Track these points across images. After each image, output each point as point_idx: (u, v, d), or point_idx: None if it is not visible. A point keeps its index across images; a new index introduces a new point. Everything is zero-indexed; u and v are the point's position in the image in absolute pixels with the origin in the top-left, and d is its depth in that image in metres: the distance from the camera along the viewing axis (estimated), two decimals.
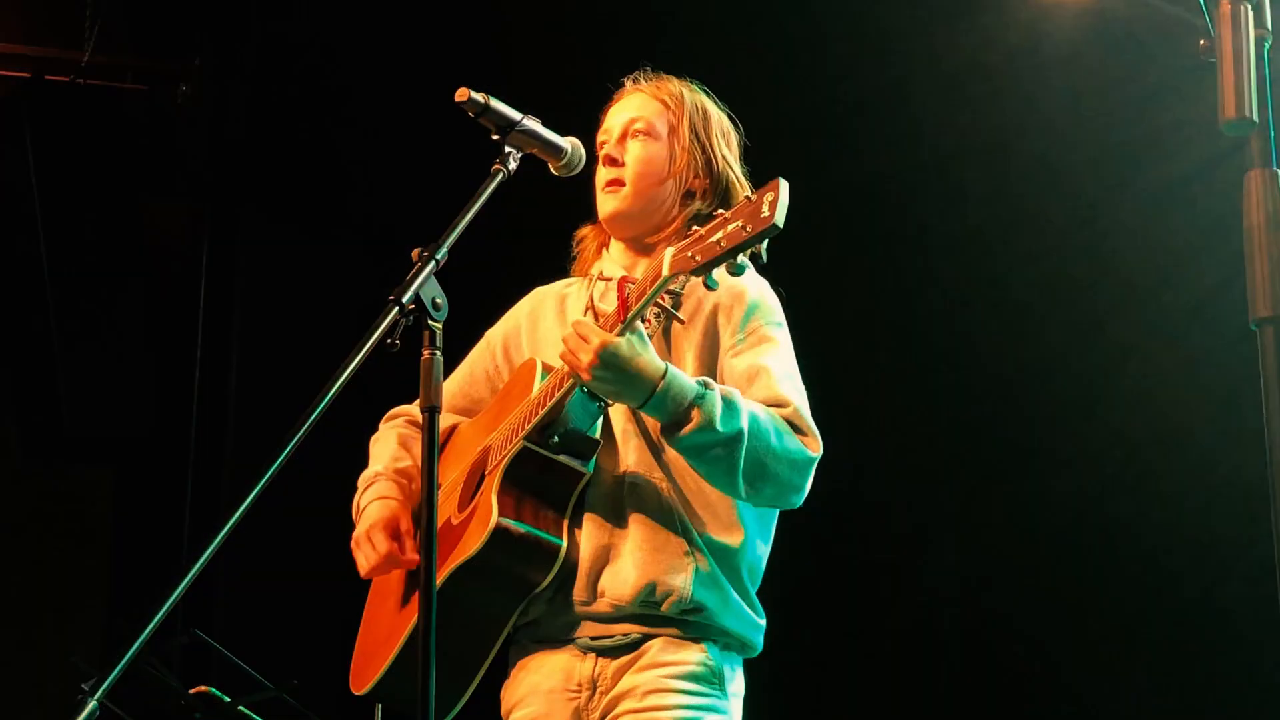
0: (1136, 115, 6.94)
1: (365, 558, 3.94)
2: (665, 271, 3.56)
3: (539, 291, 4.35)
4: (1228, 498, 6.70)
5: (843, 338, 7.18)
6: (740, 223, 3.41)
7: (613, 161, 4.10)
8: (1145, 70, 6.87)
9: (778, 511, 4.02)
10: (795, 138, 7.14)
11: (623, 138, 4.12)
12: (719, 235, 3.44)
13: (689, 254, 3.49)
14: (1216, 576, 6.84)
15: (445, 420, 4.25)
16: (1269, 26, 3.07)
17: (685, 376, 3.66)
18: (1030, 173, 7.35)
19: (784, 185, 3.40)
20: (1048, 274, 7.46)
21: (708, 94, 4.25)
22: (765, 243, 3.40)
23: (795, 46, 7.55)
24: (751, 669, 4.02)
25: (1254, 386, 2.94)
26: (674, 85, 4.21)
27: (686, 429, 3.60)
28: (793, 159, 4.21)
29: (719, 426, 3.58)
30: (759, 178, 4.14)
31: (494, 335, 4.36)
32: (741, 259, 3.42)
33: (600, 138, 4.20)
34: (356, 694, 4.12)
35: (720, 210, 3.54)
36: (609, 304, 3.94)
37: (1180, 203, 6.92)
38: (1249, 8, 3.04)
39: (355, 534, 4.01)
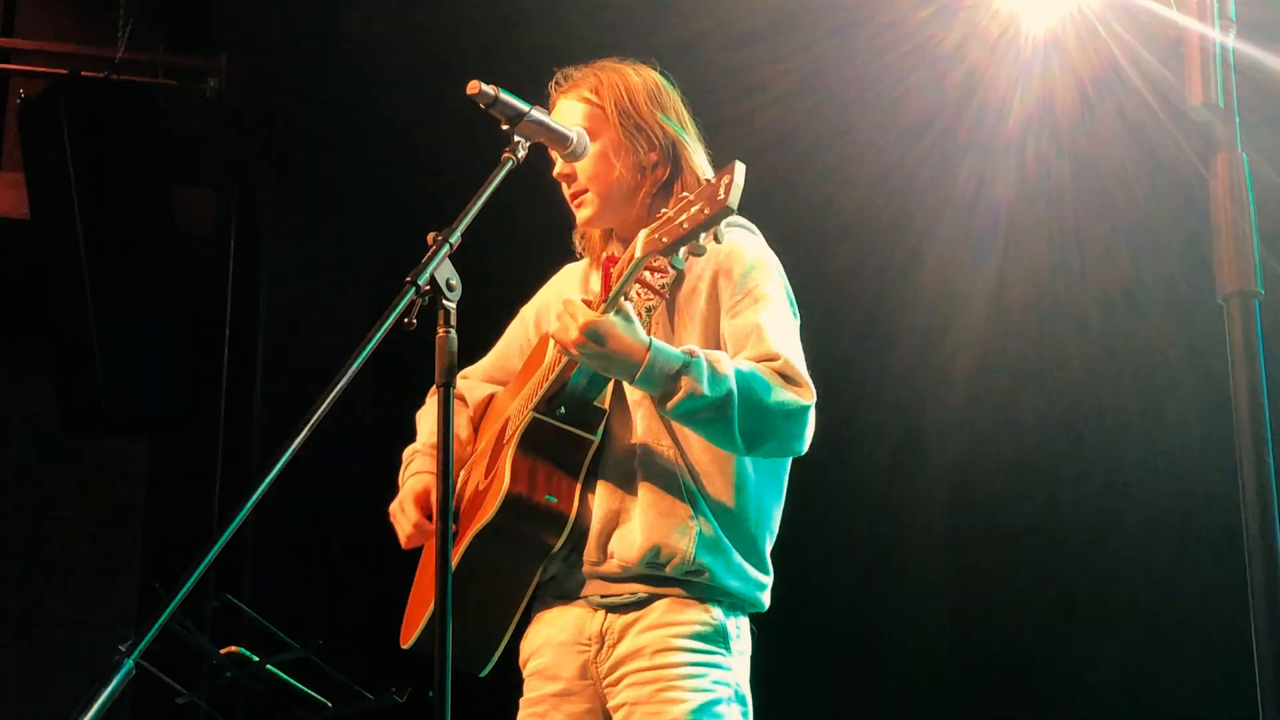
0: (1107, 101, 6.93)
1: (401, 529, 4.01)
2: (638, 254, 3.60)
3: (570, 268, 4.35)
4: (1199, 465, 6.69)
5: (830, 327, 7.17)
6: (701, 205, 3.47)
7: (567, 179, 4.07)
8: (1115, 58, 6.85)
9: (785, 471, 4.01)
10: (782, 128, 7.13)
11: None
12: (683, 217, 3.50)
13: (658, 236, 3.55)
14: (1185, 541, 6.82)
15: (483, 390, 4.31)
16: (1233, 18, 3.07)
17: (670, 349, 3.66)
18: (1007, 162, 7.33)
19: (739, 169, 3.46)
20: (1023, 253, 7.45)
21: (623, 62, 4.15)
22: (724, 222, 3.46)
23: (779, 34, 7.52)
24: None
25: (1221, 358, 2.94)
26: (590, 77, 4.11)
27: (676, 398, 3.60)
28: (778, 149, 4.20)
29: (706, 392, 3.58)
30: (752, 167, 4.13)
31: (527, 310, 4.42)
32: (703, 239, 3.47)
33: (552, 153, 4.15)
34: (403, 648, 4.14)
35: (685, 193, 3.58)
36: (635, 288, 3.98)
37: (1151, 184, 6.90)
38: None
39: (391, 507, 4.05)
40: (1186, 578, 6.74)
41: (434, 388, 4.26)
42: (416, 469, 4.16)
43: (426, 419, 4.30)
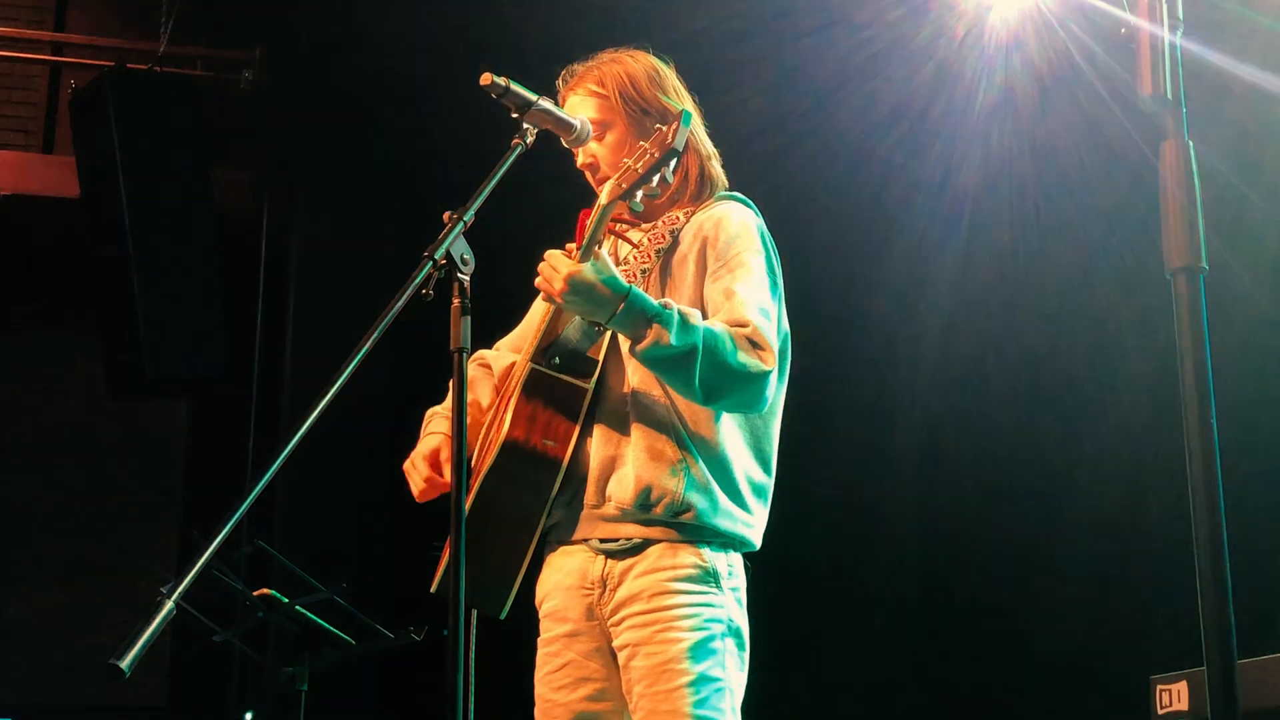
0: (1064, 93, 6.92)
1: (414, 483, 3.97)
2: (603, 201, 3.69)
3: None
4: (1148, 426, 6.68)
5: (808, 302, 7.16)
6: (653, 150, 3.63)
7: (590, 169, 4.05)
8: (1072, 54, 6.84)
9: (772, 421, 3.95)
10: (766, 119, 7.12)
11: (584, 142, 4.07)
12: (639, 164, 3.64)
13: (619, 182, 3.66)
14: (1136, 495, 6.81)
15: (507, 359, 4.24)
16: (1180, 17, 3.06)
17: (649, 299, 3.64)
18: (972, 150, 7.33)
19: (685, 117, 3.64)
20: (987, 233, 7.45)
21: (619, 50, 4.12)
22: (673, 163, 3.61)
23: (763, 33, 7.50)
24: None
25: (1168, 327, 2.94)
26: (593, 71, 4.07)
27: (645, 343, 3.58)
28: (762, 139, 4.19)
29: (674, 342, 3.56)
30: (730, 162, 4.12)
31: None
32: (660, 177, 3.61)
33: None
34: (431, 593, 4.06)
35: (642, 142, 3.70)
36: (631, 251, 3.98)
37: (1104, 169, 6.90)
38: None
39: (405, 464, 4.01)
40: (1137, 529, 6.74)
41: (473, 356, 4.28)
42: (433, 429, 4.13)
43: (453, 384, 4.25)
